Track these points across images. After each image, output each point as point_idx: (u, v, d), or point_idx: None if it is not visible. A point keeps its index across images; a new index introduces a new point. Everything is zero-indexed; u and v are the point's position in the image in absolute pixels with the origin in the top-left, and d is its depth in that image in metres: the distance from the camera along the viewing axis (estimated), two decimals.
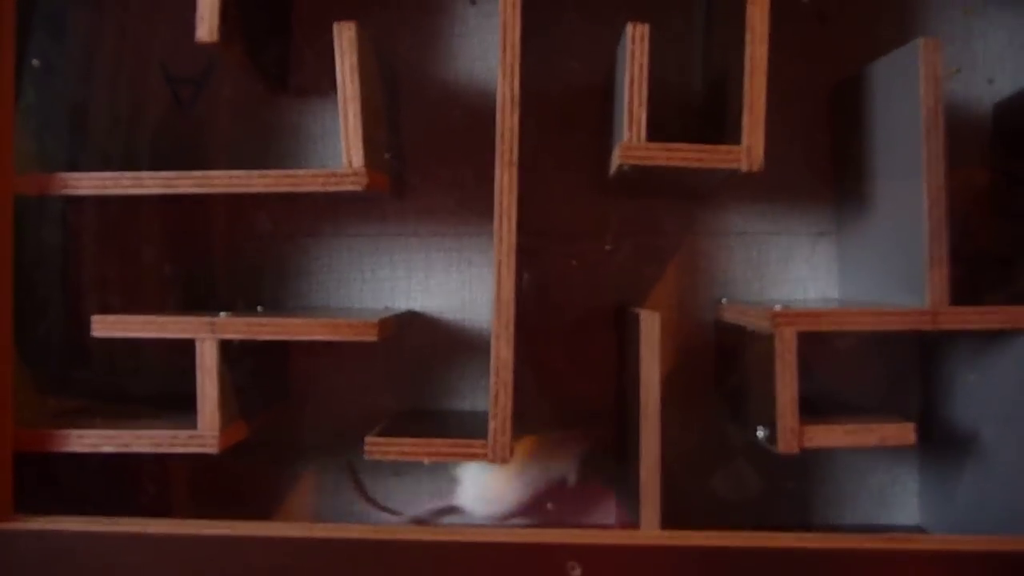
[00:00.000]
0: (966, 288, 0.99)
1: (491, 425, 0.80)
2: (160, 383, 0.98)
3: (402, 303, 1.02)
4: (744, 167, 0.80)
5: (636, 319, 0.83)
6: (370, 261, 1.03)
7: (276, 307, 1.01)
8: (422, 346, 1.02)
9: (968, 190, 1.00)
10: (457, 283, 1.02)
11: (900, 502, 1.01)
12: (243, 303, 1.00)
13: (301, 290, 1.03)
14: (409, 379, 1.02)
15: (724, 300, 0.98)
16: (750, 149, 0.79)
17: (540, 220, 1.00)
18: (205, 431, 0.82)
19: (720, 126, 0.88)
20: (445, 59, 1.02)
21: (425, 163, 1.01)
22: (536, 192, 1.00)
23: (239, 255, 1.02)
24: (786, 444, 0.79)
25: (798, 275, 1.01)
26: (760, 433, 0.83)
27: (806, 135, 1.00)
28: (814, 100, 1.00)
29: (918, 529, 1.00)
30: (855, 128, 0.93)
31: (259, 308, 0.97)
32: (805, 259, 1.01)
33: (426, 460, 0.81)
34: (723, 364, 0.99)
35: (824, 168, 1.00)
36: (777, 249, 1.01)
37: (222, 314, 0.84)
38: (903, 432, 0.80)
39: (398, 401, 1.01)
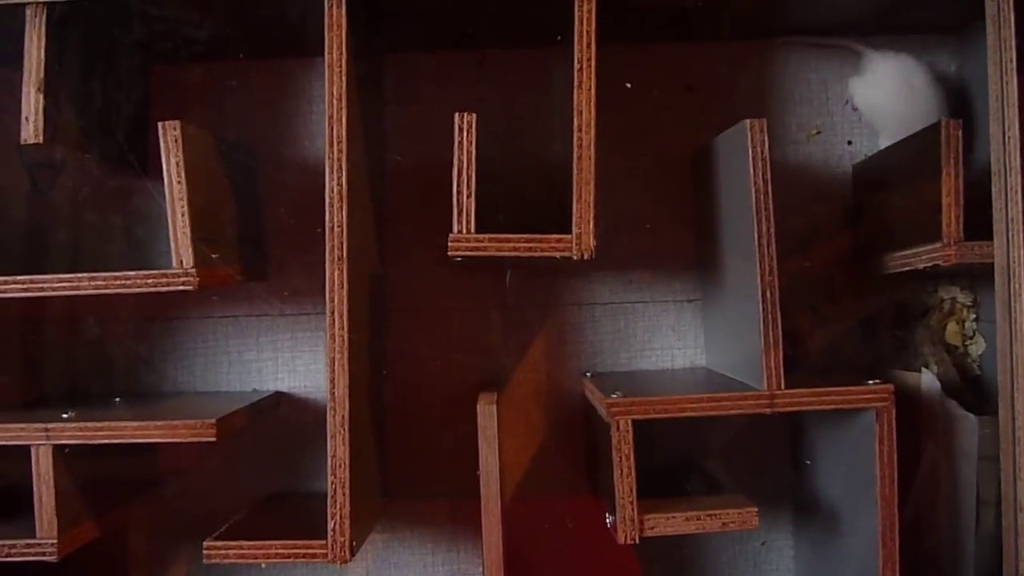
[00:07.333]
0: (829, 353, 0.99)
1: (329, 524, 0.79)
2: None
3: (269, 384, 1.01)
4: (575, 255, 0.79)
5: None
6: (236, 343, 1.01)
7: (140, 393, 1.00)
8: (291, 426, 1.01)
9: (830, 252, 1.00)
10: (323, 362, 1.01)
11: (775, 567, 1.01)
12: (101, 392, 0.98)
13: (168, 374, 1.02)
14: (279, 460, 1.01)
15: (588, 374, 0.97)
16: (580, 237, 0.79)
17: (406, 297, 1.00)
18: (43, 538, 0.81)
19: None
20: (303, 138, 1.01)
21: (288, 243, 1.00)
22: (401, 268, 1.00)
23: (101, 340, 1.00)
24: (625, 534, 0.78)
25: (665, 343, 1.00)
26: (608, 520, 0.83)
27: (672, 201, 1.00)
28: (679, 167, 1.00)
29: None
30: (708, 198, 0.93)
31: (116, 400, 0.95)
32: (672, 327, 1.00)
33: (263, 564, 0.79)
34: (588, 441, 0.98)
35: (689, 234, 1.00)
36: (644, 318, 1.00)
37: (64, 415, 0.82)
38: (746, 517, 0.79)
39: (269, 483, 1.00)
